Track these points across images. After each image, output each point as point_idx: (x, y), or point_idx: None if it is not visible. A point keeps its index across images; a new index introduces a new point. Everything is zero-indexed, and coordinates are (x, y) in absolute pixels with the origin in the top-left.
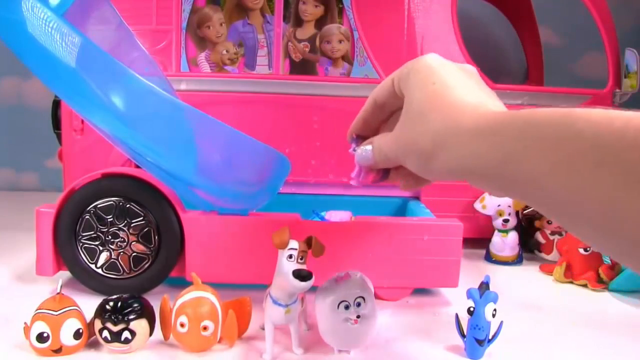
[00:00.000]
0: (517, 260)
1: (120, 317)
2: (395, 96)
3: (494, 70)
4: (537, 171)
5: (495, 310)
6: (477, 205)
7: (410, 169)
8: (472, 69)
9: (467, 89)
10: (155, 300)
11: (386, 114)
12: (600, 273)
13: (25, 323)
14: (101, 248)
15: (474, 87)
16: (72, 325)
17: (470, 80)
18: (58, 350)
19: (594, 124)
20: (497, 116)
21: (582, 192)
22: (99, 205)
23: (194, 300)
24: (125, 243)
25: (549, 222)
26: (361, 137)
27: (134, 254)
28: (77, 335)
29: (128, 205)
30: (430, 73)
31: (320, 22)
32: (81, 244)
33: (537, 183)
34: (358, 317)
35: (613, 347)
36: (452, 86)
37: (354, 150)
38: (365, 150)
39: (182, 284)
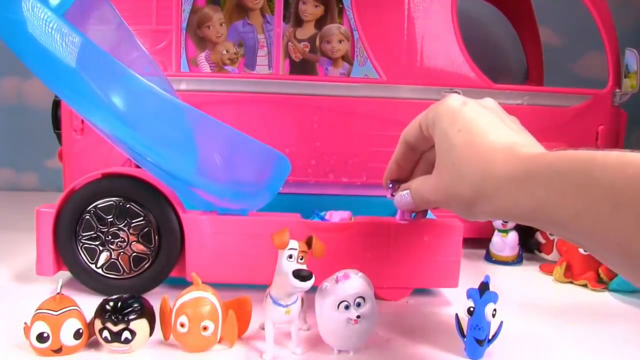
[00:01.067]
0: (517, 260)
1: (120, 317)
2: (425, 138)
3: (494, 70)
4: (564, 217)
5: (495, 310)
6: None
7: (453, 212)
8: (492, 104)
9: (492, 129)
10: (155, 300)
11: (418, 155)
12: (600, 273)
13: (25, 323)
14: (101, 248)
15: (499, 125)
16: (72, 325)
17: (493, 118)
18: (58, 350)
19: (609, 172)
20: (527, 162)
21: (603, 235)
22: (99, 205)
23: (194, 300)
24: (125, 243)
25: None
26: (397, 182)
27: (134, 254)
28: (77, 335)
29: (128, 205)
30: (454, 118)
31: (320, 22)
32: (81, 244)
33: (565, 227)
34: (358, 317)
35: (613, 347)
36: (478, 130)
37: (392, 195)
38: (403, 196)
39: (182, 284)
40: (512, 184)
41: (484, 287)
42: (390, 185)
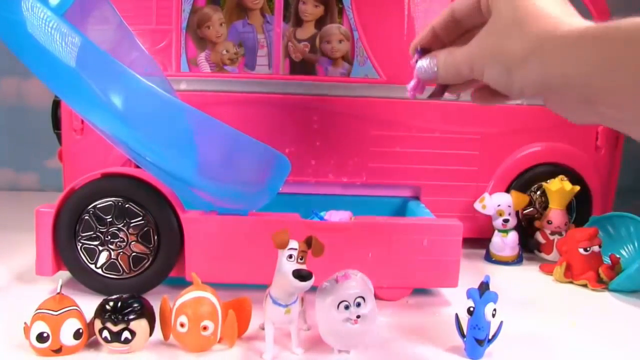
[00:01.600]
0: (517, 260)
1: (120, 317)
2: (478, 13)
3: None
4: (621, 86)
5: (495, 310)
6: (477, 205)
7: (487, 80)
8: None
9: (559, 7)
10: (155, 300)
11: (460, 32)
12: (600, 273)
13: (25, 323)
14: (101, 248)
15: (566, 7)
16: (72, 325)
17: (561, 1)
18: (58, 350)
19: None
20: (592, 28)
21: None
22: (98, 206)
23: (194, 300)
24: (124, 243)
25: (549, 222)
26: (425, 50)
27: (134, 253)
28: (77, 335)
29: (127, 205)
30: None
31: (320, 22)
32: (81, 244)
33: (617, 100)
34: (358, 317)
35: (613, 347)
36: (547, 2)
37: (416, 61)
38: (429, 62)
39: (182, 284)
40: (574, 45)
41: (484, 287)
42: (417, 53)
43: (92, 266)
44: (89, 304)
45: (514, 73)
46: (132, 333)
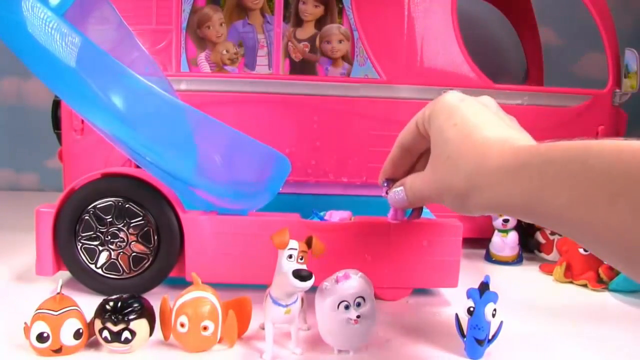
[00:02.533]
0: (517, 260)
1: (120, 317)
2: (422, 138)
3: (494, 70)
4: (559, 208)
5: (495, 310)
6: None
7: (448, 207)
8: (489, 101)
9: (488, 124)
10: (155, 300)
11: (415, 157)
12: (600, 273)
13: (25, 323)
14: (101, 248)
15: (495, 121)
16: (72, 325)
17: (489, 114)
18: (58, 350)
19: (604, 159)
20: (520, 153)
21: (598, 226)
22: (98, 206)
23: (194, 300)
24: (124, 243)
25: None
26: (392, 181)
27: (134, 253)
28: (77, 335)
29: (127, 205)
30: (451, 113)
31: (320, 22)
32: (81, 244)
33: (559, 219)
34: (358, 317)
35: (613, 347)
36: (474, 125)
37: (386, 193)
38: (397, 192)
39: (182, 284)
40: (506, 175)
41: (484, 287)
42: (385, 184)
43: (92, 266)
44: (89, 304)
45: (464, 203)
46: (132, 333)
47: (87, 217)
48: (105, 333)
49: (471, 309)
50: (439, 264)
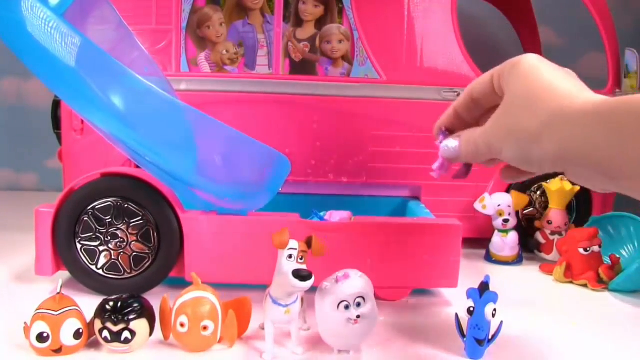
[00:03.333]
0: (517, 260)
1: (120, 317)
2: (493, 93)
3: None
4: (635, 157)
5: (495, 310)
6: (477, 205)
7: (506, 158)
8: (570, 71)
9: (569, 82)
10: (155, 300)
11: (480, 111)
12: (600, 273)
13: (25, 323)
14: (101, 249)
15: (575, 82)
16: (72, 325)
17: (570, 77)
18: (58, 350)
19: None
20: (604, 103)
21: None
22: (97, 207)
23: (194, 300)
24: (124, 243)
25: (549, 222)
26: (449, 131)
27: (134, 253)
28: (77, 335)
29: (126, 205)
30: (533, 68)
31: (320, 22)
32: (81, 245)
33: (634, 168)
34: (358, 317)
35: (613, 348)
36: (556, 79)
37: (440, 142)
38: (451, 142)
39: (182, 284)
40: (588, 119)
41: (484, 287)
42: (441, 134)
43: (93, 267)
44: (89, 304)
45: (530, 149)
46: (132, 333)
47: (86, 218)
48: (105, 333)
49: (471, 309)
50: (439, 264)
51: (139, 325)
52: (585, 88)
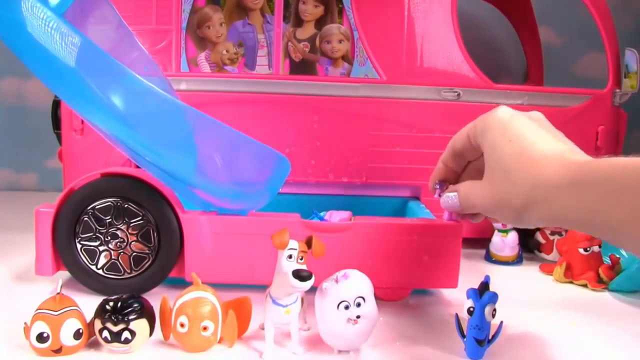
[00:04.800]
0: (517, 260)
1: (120, 317)
2: (472, 148)
3: (494, 70)
4: (616, 221)
5: (495, 310)
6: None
7: (502, 221)
8: (539, 116)
9: (542, 139)
10: (155, 300)
11: (465, 161)
12: (600, 273)
13: (25, 323)
14: (101, 249)
15: (548, 136)
16: (72, 325)
17: (542, 130)
18: (58, 350)
19: None
20: (579, 169)
21: None
22: (97, 207)
23: (194, 300)
24: (124, 243)
25: None
26: (444, 183)
27: (134, 253)
28: (77, 335)
29: (126, 206)
30: (504, 129)
31: (320, 22)
32: (81, 245)
33: (617, 232)
34: (358, 317)
35: (613, 348)
36: (529, 141)
37: (439, 196)
38: (450, 197)
39: (182, 284)
40: (565, 190)
41: (484, 287)
42: (438, 186)
43: (93, 267)
44: (89, 304)
45: (521, 217)
46: (132, 333)
47: (86, 219)
48: (105, 333)
49: (471, 309)
50: (439, 264)
51: (139, 325)
52: (555, 138)
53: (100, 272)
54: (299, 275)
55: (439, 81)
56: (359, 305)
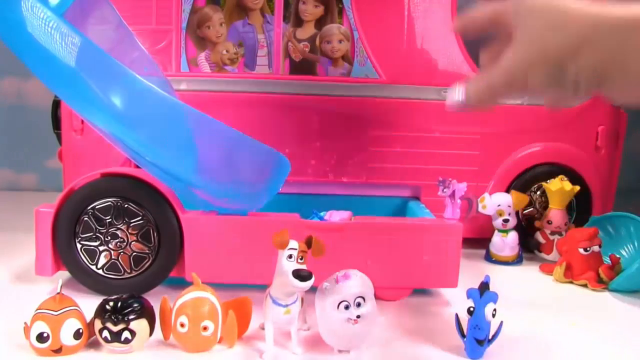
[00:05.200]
0: (517, 260)
1: (120, 317)
2: (498, 22)
3: None
4: None
5: (495, 310)
6: (478, 205)
7: (534, 86)
8: None
9: (590, 3)
10: (155, 300)
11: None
12: (600, 273)
13: (25, 323)
14: (101, 248)
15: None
16: (72, 325)
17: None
18: (58, 350)
19: None
20: (637, 15)
21: None
22: (97, 207)
23: (194, 300)
24: (124, 243)
25: (549, 222)
26: (447, 180)
27: (134, 253)
28: (77, 335)
29: (126, 206)
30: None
31: (320, 22)
32: (81, 245)
33: None
34: (358, 317)
35: (613, 348)
36: (577, 4)
37: (443, 192)
38: (455, 89)
39: (182, 284)
40: (628, 28)
41: (484, 287)
42: (441, 181)
43: (93, 267)
44: (89, 304)
45: (564, 68)
46: (132, 333)
47: (86, 219)
48: (105, 333)
49: (471, 309)
50: (439, 264)
51: (139, 325)
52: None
53: (100, 272)
54: (299, 275)
55: (439, 81)
56: (359, 305)
